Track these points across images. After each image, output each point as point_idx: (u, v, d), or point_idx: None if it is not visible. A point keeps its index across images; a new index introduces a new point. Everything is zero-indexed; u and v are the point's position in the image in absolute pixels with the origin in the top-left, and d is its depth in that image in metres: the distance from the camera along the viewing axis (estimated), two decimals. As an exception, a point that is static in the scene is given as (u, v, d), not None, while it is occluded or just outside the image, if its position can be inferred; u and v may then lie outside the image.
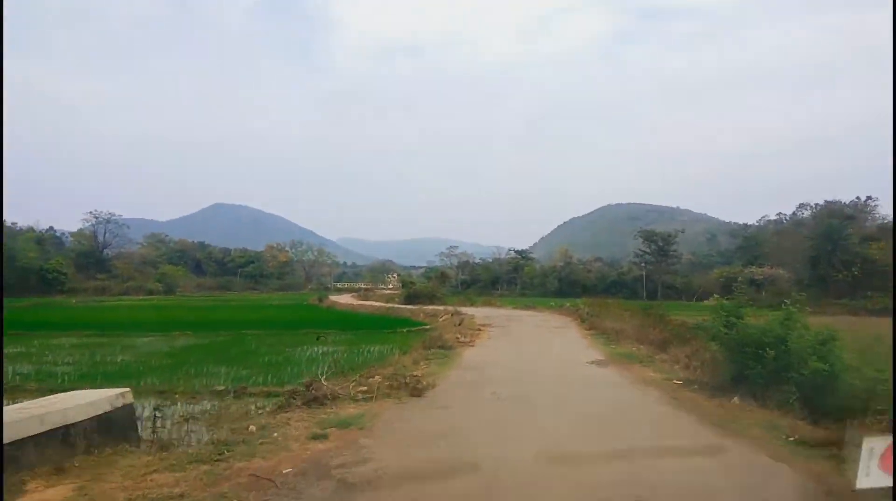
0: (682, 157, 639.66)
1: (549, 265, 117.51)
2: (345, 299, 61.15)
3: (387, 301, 55.18)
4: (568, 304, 41.57)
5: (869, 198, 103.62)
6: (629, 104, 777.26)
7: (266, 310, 50.49)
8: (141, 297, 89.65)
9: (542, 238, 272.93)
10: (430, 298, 52.30)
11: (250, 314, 43.70)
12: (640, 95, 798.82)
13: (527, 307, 45.32)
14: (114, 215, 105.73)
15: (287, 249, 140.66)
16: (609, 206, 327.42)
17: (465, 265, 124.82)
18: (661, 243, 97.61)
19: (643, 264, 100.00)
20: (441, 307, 38.96)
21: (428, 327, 30.17)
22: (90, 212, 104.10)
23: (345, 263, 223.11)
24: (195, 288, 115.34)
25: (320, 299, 62.95)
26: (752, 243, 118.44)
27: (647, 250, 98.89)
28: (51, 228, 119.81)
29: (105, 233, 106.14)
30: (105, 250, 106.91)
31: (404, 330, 29.42)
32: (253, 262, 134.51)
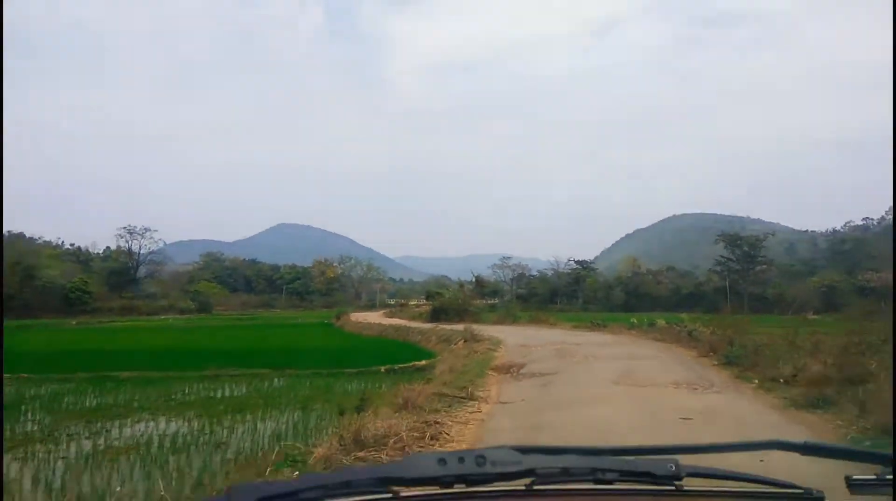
0: (748, 164, 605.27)
1: (613, 277, 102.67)
2: (368, 317, 49.14)
3: (412, 318, 42.96)
4: (662, 321, 26.99)
5: None
6: (690, 112, 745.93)
7: (262, 330, 39.21)
8: (171, 317, 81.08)
9: (604, 251, 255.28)
10: (460, 313, 39.36)
11: (226, 341, 32.19)
12: (702, 103, 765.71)
13: (593, 327, 30.69)
14: (149, 229, 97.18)
15: (335, 264, 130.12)
16: (674, 216, 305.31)
17: (520, 278, 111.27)
18: (746, 248, 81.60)
19: (725, 273, 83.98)
20: (461, 327, 26.04)
21: (427, 362, 17.60)
22: (124, 227, 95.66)
23: (401, 279, 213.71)
24: (239, 306, 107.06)
25: (338, 317, 51.36)
26: (847, 248, 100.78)
27: (731, 257, 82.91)
28: (107, 248, 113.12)
29: (140, 249, 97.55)
30: (141, 268, 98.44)
31: (382, 370, 16.69)
32: (299, 278, 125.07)
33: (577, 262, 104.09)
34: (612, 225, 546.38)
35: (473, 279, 45.68)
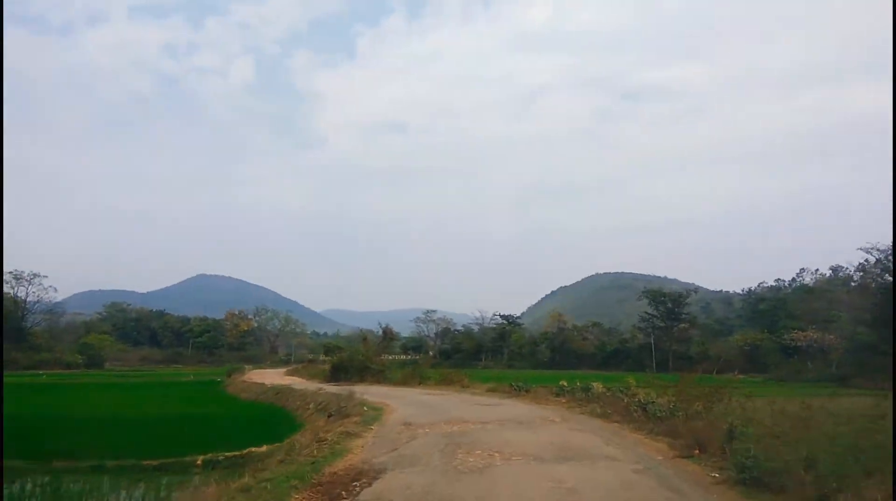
0: (665, 228, 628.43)
1: (539, 332, 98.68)
2: (265, 376, 42.28)
3: (311, 377, 36.68)
4: (598, 384, 21.14)
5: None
6: (609, 178, 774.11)
7: (128, 390, 32.16)
8: (45, 372, 71.15)
9: (529, 307, 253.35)
10: (362, 371, 33.41)
11: (60, 406, 25.09)
12: (620, 170, 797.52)
13: (513, 392, 23.94)
14: (38, 274, 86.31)
15: (250, 316, 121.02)
16: (596, 275, 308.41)
17: (445, 333, 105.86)
18: (669, 305, 79.25)
19: (650, 330, 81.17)
20: (358, 388, 20.13)
21: (269, 448, 11.71)
22: (9, 272, 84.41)
23: (325, 333, 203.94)
24: (138, 361, 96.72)
25: (229, 375, 44.41)
26: (763, 308, 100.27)
27: (655, 313, 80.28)
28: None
29: (27, 296, 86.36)
30: (28, 317, 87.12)
31: (199, 462, 10.67)
32: (209, 331, 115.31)
33: (503, 316, 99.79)
34: (539, 282, 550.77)
35: (380, 331, 39.91)
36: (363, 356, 35.84)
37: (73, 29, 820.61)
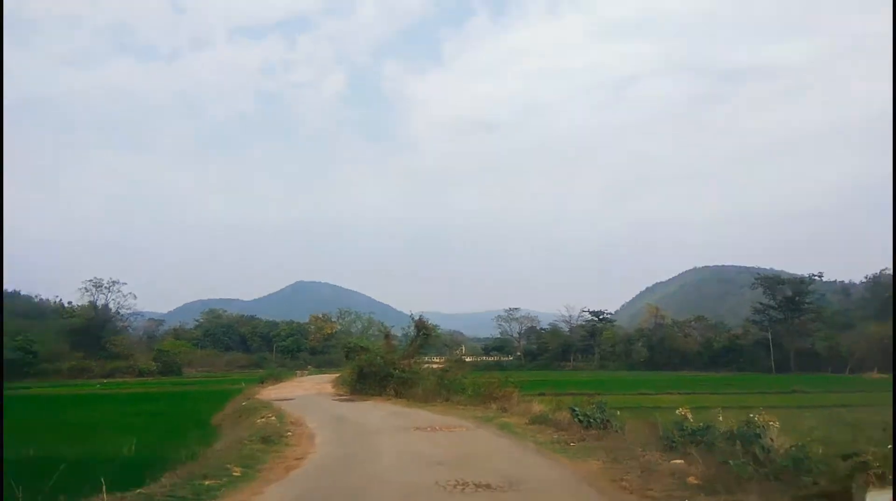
0: (769, 216, 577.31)
1: (634, 329, 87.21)
2: (299, 384, 35.23)
3: (339, 386, 29.28)
4: (771, 425, 8.63)
5: None
6: (709, 167, 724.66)
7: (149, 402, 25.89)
8: (124, 379, 68.94)
9: (623, 305, 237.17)
10: (383, 379, 25.19)
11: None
12: (721, 157, 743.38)
13: (576, 429, 13.26)
14: (117, 281, 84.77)
15: (333, 319, 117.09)
16: (695, 269, 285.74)
17: (530, 332, 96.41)
18: (789, 293, 66.25)
19: (766, 323, 68.28)
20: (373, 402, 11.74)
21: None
22: (89, 280, 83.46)
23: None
24: (224, 365, 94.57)
25: (262, 382, 37.70)
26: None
27: (772, 303, 67.44)
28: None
29: (107, 303, 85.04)
30: (110, 323, 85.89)
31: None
32: (293, 335, 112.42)
33: (592, 313, 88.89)
34: (633, 279, 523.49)
35: (413, 326, 30.92)
36: (382, 360, 27.59)
37: (180, 55, 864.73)
